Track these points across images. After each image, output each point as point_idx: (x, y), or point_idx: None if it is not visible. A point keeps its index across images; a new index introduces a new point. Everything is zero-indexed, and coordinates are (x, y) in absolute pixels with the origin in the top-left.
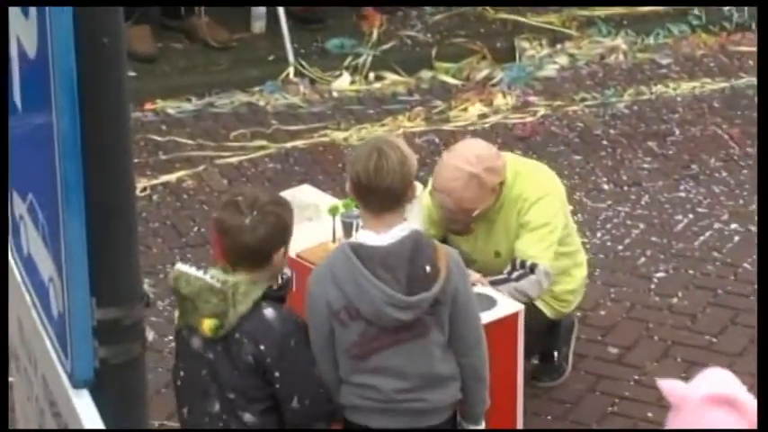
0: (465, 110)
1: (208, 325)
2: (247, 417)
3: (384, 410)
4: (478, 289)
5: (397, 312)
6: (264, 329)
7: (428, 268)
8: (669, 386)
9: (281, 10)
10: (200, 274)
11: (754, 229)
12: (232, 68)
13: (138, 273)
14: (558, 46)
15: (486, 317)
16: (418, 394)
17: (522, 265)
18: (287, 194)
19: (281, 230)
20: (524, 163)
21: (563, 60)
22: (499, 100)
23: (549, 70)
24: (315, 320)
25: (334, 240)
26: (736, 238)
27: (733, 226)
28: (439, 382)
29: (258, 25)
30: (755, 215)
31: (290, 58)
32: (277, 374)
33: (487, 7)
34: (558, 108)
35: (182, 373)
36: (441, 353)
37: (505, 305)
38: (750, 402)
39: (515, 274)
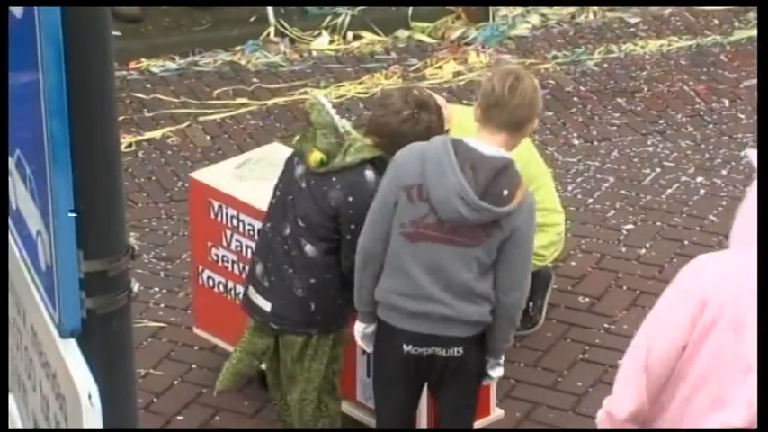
0: (440, 68)
1: (315, 156)
2: (308, 248)
3: (415, 314)
4: None
5: (463, 208)
6: (360, 185)
7: (505, 192)
8: (753, 154)
9: None
10: (333, 112)
11: (719, 182)
12: (215, 28)
13: (124, 226)
14: (531, 6)
15: None
16: (448, 297)
17: None
18: (258, 153)
19: (423, 133)
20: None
21: (535, 20)
22: (473, 58)
23: (522, 29)
24: (387, 187)
25: None
26: (702, 192)
27: (699, 179)
28: (470, 296)
29: None
30: (721, 169)
31: (271, 18)
32: (352, 227)
33: None
34: (530, 66)
35: (278, 192)
36: (479, 271)
37: None
38: None
39: None
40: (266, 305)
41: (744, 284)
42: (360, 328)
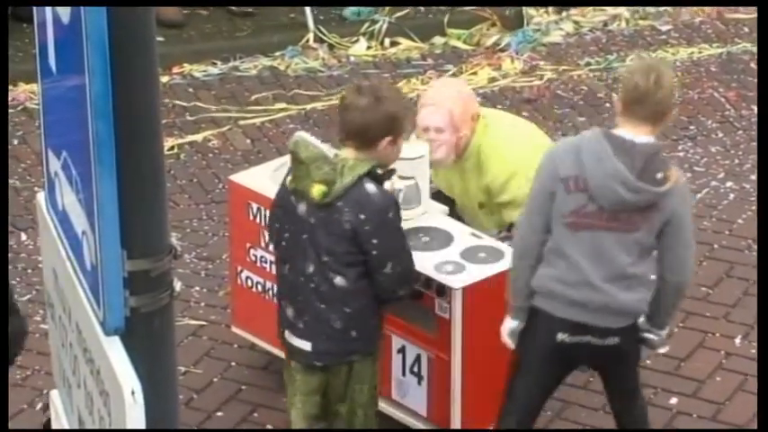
0: (475, 74)
1: (317, 189)
2: (338, 279)
3: (573, 302)
4: (485, 242)
5: (622, 190)
6: (366, 200)
7: (659, 175)
8: None
9: None
10: (317, 142)
11: (748, 186)
12: (255, 34)
13: (167, 227)
14: (564, 13)
15: (494, 268)
16: (610, 286)
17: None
18: None
19: (389, 120)
20: (491, 121)
21: (568, 27)
22: (507, 64)
23: (555, 36)
24: (542, 179)
25: None
26: (732, 196)
27: (728, 184)
28: (629, 281)
29: None
30: (750, 174)
31: (310, 24)
32: (375, 241)
33: None
34: (563, 72)
35: (286, 235)
36: (638, 255)
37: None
38: None
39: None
40: (306, 345)
41: None
42: (512, 325)
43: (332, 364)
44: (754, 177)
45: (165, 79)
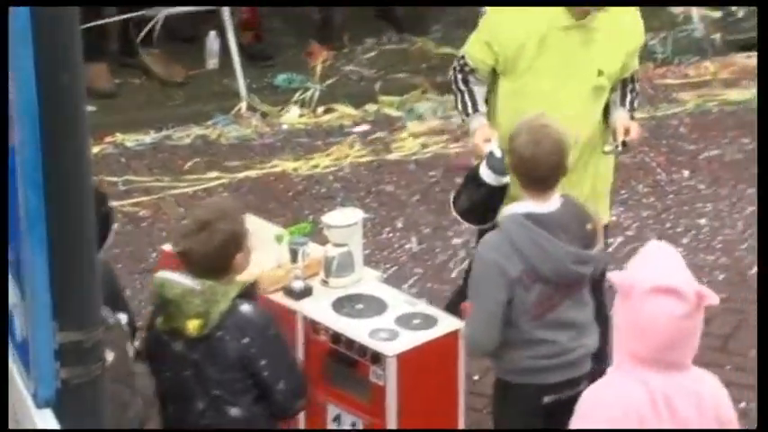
0: (405, 140)
1: (193, 325)
2: (234, 411)
3: (556, 367)
4: (419, 308)
5: (581, 267)
6: (245, 323)
7: (588, 226)
8: (618, 276)
9: (233, 47)
10: (181, 278)
11: (680, 250)
12: (188, 103)
13: (98, 298)
14: None
15: (426, 335)
16: (580, 341)
17: (632, 79)
18: None
19: (232, 241)
20: None
21: None
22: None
23: None
24: (489, 287)
25: (279, 266)
26: None
27: None
28: (590, 328)
29: (212, 62)
30: (681, 238)
31: (243, 93)
32: (263, 362)
33: (429, 43)
34: None
35: (167, 374)
36: (588, 300)
37: (446, 324)
38: (690, 287)
39: (635, 90)
40: None
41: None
42: None
43: None
44: (685, 241)
45: (96, 149)
